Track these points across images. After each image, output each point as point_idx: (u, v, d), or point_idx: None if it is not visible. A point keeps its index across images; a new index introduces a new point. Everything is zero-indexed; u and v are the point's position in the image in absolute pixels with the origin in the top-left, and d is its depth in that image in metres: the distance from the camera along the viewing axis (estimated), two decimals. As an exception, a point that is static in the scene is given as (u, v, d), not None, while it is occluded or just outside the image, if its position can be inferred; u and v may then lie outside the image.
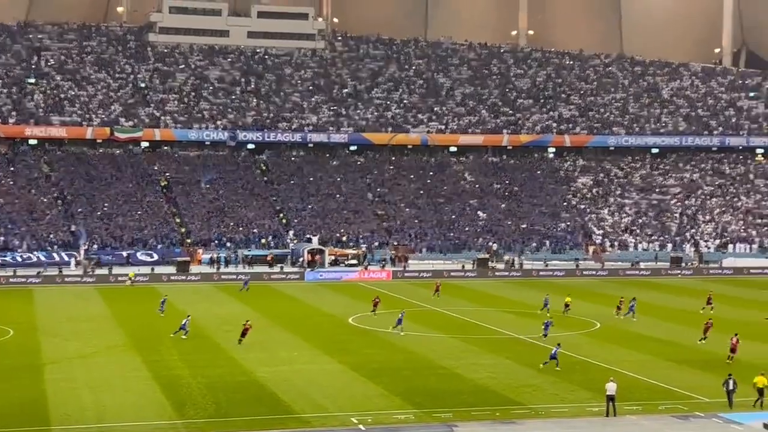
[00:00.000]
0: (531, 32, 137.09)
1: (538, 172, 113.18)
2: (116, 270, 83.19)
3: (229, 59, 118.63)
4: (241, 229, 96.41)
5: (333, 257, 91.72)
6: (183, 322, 53.07)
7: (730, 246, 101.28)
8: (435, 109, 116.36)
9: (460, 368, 45.79)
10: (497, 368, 45.91)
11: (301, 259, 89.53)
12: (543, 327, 54.04)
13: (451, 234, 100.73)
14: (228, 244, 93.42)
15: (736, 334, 48.31)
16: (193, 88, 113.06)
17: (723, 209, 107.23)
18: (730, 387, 37.97)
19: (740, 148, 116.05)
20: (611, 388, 37.22)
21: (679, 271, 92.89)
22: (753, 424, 35.23)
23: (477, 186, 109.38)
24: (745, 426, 35.49)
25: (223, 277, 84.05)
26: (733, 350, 47.24)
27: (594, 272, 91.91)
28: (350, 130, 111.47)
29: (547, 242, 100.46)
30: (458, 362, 47.22)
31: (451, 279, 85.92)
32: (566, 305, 62.95)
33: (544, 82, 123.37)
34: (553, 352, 45.58)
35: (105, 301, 69.21)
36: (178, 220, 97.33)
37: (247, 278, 78.45)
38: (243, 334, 50.51)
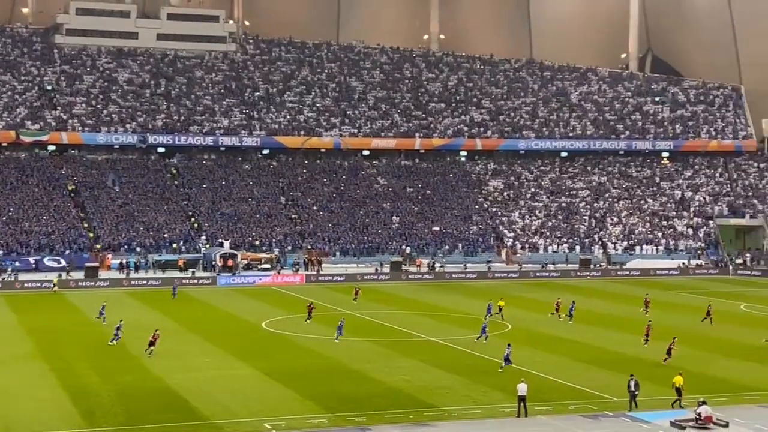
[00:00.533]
0: (443, 37, 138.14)
1: (451, 175, 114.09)
2: (22, 276, 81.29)
3: (138, 61, 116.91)
4: (151, 233, 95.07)
5: (246, 261, 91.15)
6: (117, 326, 52.21)
7: (637, 248, 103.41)
8: (348, 112, 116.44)
9: (374, 371, 45.84)
10: (411, 371, 46.06)
11: (213, 264, 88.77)
12: (481, 330, 53.77)
13: (365, 237, 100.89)
14: (138, 249, 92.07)
15: (674, 338, 48.66)
16: (101, 90, 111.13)
17: (630, 212, 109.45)
18: (632, 388, 38.17)
19: (646, 151, 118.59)
20: (522, 389, 37.61)
21: (588, 273, 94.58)
22: (660, 422, 35.93)
23: (390, 189, 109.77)
24: (651, 424, 36.16)
25: (132, 282, 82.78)
26: (669, 352, 47.40)
27: (505, 274, 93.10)
28: (262, 133, 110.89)
29: (460, 245, 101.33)
30: (372, 365, 47.26)
31: (365, 282, 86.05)
32: (500, 308, 62.56)
33: (456, 86, 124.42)
34: (506, 354, 45.56)
35: (11, 308, 67.46)
36: (86, 225, 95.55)
37: (176, 284, 77.30)
38: (151, 344, 49.52)
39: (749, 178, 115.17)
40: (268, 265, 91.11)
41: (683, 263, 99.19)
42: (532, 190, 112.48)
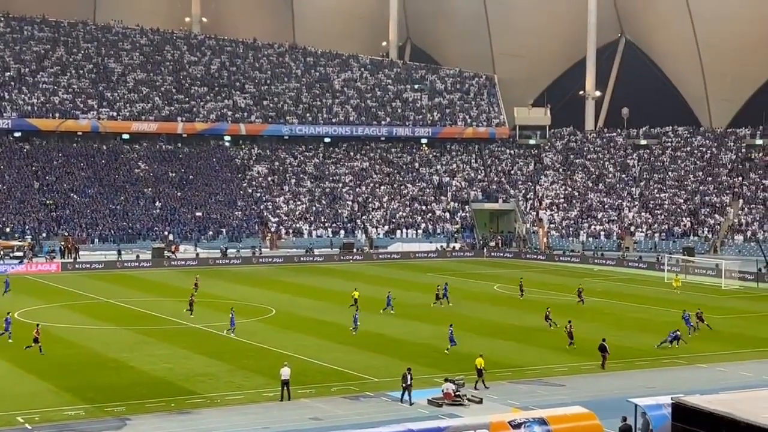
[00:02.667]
0: (205, 20, 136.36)
1: (214, 160, 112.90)
2: None
3: None
4: None
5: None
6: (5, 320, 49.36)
7: (398, 231, 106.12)
8: (106, 95, 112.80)
9: (134, 360, 44.79)
10: (173, 358, 45.33)
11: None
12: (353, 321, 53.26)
13: (125, 223, 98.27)
14: None
15: (569, 321, 49.42)
16: None
17: (391, 196, 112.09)
18: (408, 381, 36.93)
19: (406, 137, 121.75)
20: (285, 372, 37.81)
21: (351, 257, 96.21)
22: (418, 401, 37.02)
23: (151, 174, 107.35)
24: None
25: None
26: (570, 335, 48.15)
27: (270, 259, 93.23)
28: (14, 115, 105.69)
29: (224, 231, 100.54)
30: (132, 354, 46.17)
31: (125, 270, 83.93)
32: (355, 300, 60.38)
33: (219, 70, 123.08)
34: (450, 334, 46.62)
35: None
36: None
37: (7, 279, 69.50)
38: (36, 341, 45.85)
39: (502, 164, 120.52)
40: (20, 253, 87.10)
41: (441, 246, 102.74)
42: (296, 175, 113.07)
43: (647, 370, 44.17)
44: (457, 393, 37.03)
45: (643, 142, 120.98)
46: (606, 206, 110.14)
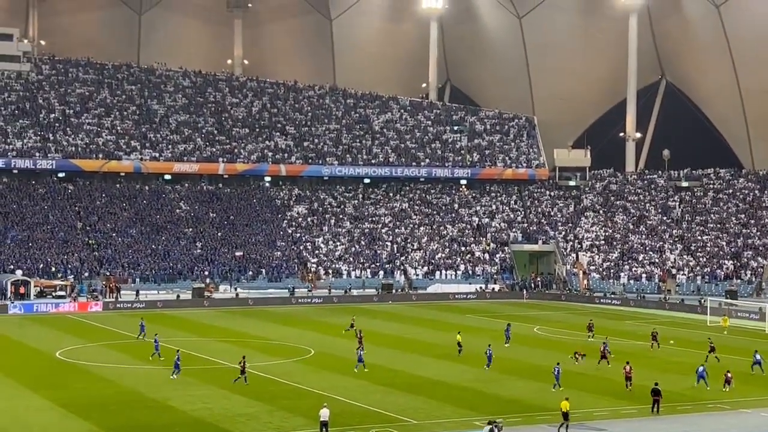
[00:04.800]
0: (246, 62, 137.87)
1: (254, 200, 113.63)
2: None
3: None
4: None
5: (39, 288, 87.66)
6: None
7: (437, 273, 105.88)
8: (149, 136, 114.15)
9: (174, 400, 44.89)
10: (212, 399, 45.37)
11: (4, 291, 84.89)
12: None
13: (166, 263, 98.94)
14: None
15: (628, 362, 49.43)
16: None
17: (430, 237, 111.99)
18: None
19: (445, 178, 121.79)
20: (324, 414, 37.72)
21: (389, 298, 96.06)
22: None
23: (192, 214, 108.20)
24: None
25: None
26: (628, 378, 48.09)
27: (309, 300, 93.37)
28: (58, 156, 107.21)
29: (263, 270, 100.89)
30: (172, 394, 46.28)
31: (165, 309, 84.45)
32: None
33: (260, 111, 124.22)
34: (488, 353, 50.07)
35: None
36: None
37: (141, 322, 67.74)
38: None
39: (542, 205, 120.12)
40: (63, 293, 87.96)
41: (480, 287, 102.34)
42: (336, 215, 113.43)
43: (690, 414, 43.53)
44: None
45: (685, 184, 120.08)
46: (647, 248, 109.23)
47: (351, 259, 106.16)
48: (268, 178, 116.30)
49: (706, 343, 58.75)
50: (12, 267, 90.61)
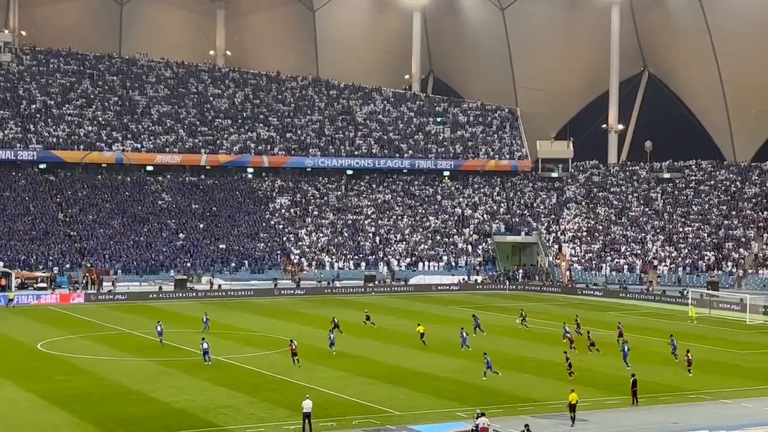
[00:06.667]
0: (229, 53, 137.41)
1: (237, 192, 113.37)
2: None
3: None
4: None
5: (20, 280, 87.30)
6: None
7: (420, 264, 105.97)
8: (131, 127, 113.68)
9: (157, 392, 44.82)
10: (195, 390, 45.31)
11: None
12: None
13: (149, 255, 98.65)
14: None
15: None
16: None
17: (413, 229, 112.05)
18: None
19: (428, 170, 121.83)
20: (307, 405, 37.73)
21: (372, 289, 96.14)
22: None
23: (175, 206, 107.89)
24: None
25: None
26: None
27: (292, 291, 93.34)
28: (39, 147, 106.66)
29: (246, 262, 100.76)
30: (154, 386, 46.20)
31: (149, 301, 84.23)
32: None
33: (242, 102, 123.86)
34: (486, 361, 48.51)
35: None
36: None
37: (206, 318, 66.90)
38: None
39: (524, 197, 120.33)
40: (44, 284, 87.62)
41: (463, 279, 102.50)
42: (319, 207, 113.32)
43: (671, 405, 43.77)
44: (496, 429, 36.39)
45: (667, 175, 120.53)
46: (629, 240, 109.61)
47: (334, 250, 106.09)
48: (250, 170, 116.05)
49: (687, 333, 59.02)
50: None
